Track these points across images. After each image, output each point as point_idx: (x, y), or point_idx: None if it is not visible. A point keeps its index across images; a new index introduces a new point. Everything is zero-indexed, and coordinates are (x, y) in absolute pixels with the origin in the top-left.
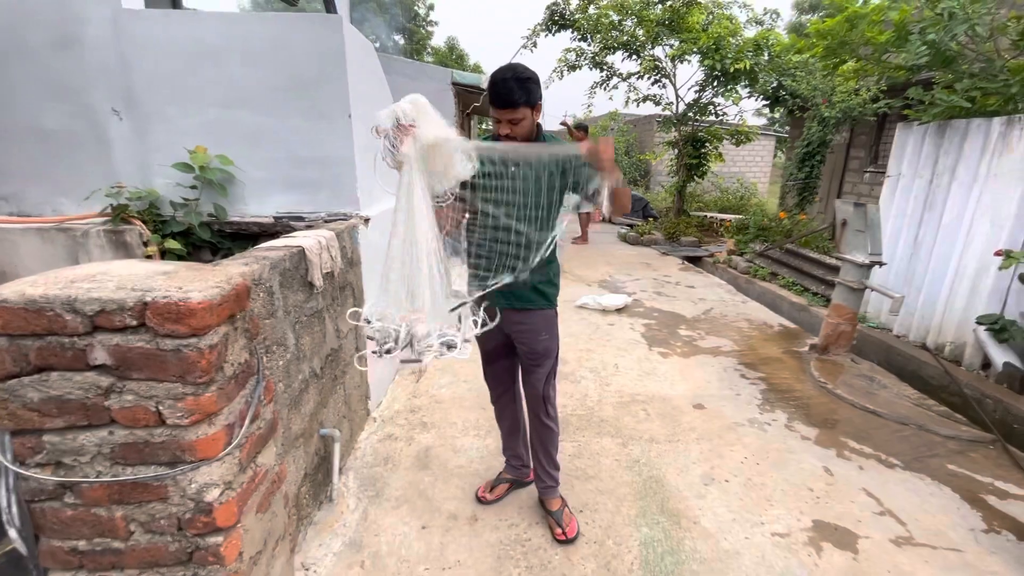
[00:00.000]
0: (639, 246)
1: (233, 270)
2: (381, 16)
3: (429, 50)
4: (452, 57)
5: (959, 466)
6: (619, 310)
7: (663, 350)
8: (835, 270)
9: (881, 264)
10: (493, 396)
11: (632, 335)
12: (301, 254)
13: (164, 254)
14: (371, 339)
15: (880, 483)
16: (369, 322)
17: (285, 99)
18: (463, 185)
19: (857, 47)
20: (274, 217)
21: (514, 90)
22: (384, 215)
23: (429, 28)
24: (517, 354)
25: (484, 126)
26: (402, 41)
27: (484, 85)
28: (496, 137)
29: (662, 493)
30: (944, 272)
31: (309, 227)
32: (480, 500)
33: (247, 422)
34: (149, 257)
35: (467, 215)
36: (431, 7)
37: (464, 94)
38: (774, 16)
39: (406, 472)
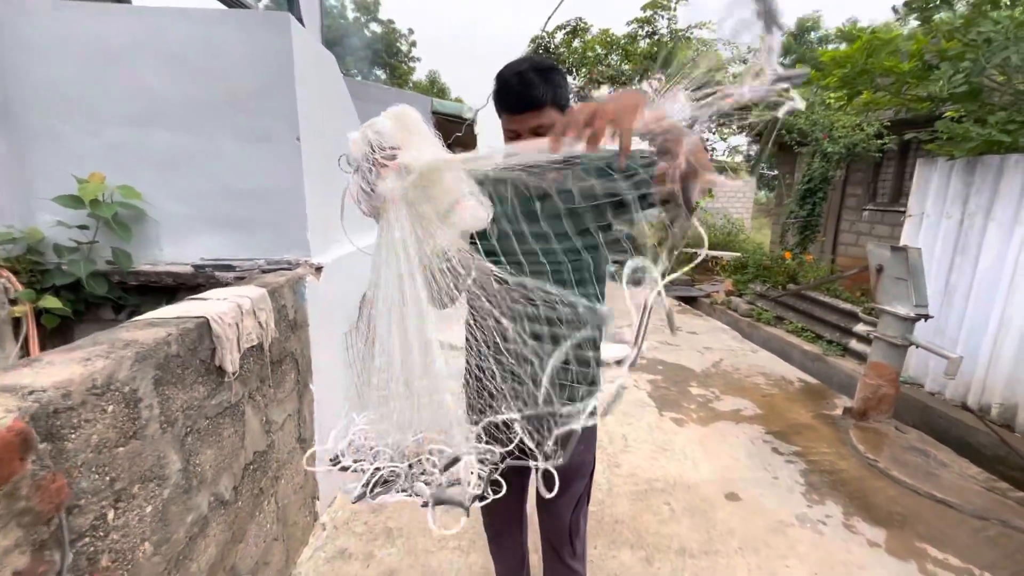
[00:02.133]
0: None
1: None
2: (362, 51)
3: (410, 85)
4: (433, 91)
5: None
6: (619, 362)
7: (676, 415)
8: (851, 316)
9: (927, 317)
10: (491, 522)
11: (638, 395)
12: (203, 328)
13: (41, 315)
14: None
15: None
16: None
17: (215, 115)
18: (471, 238)
19: (875, 77)
20: (194, 266)
21: (536, 84)
22: (342, 262)
23: (411, 64)
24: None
25: None
26: (384, 76)
27: (465, 115)
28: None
29: None
30: (984, 323)
31: (240, 279)
32: None
33: None
34: (16, 319)
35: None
36: (413, 44)
37: (445, 124)
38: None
39: None
